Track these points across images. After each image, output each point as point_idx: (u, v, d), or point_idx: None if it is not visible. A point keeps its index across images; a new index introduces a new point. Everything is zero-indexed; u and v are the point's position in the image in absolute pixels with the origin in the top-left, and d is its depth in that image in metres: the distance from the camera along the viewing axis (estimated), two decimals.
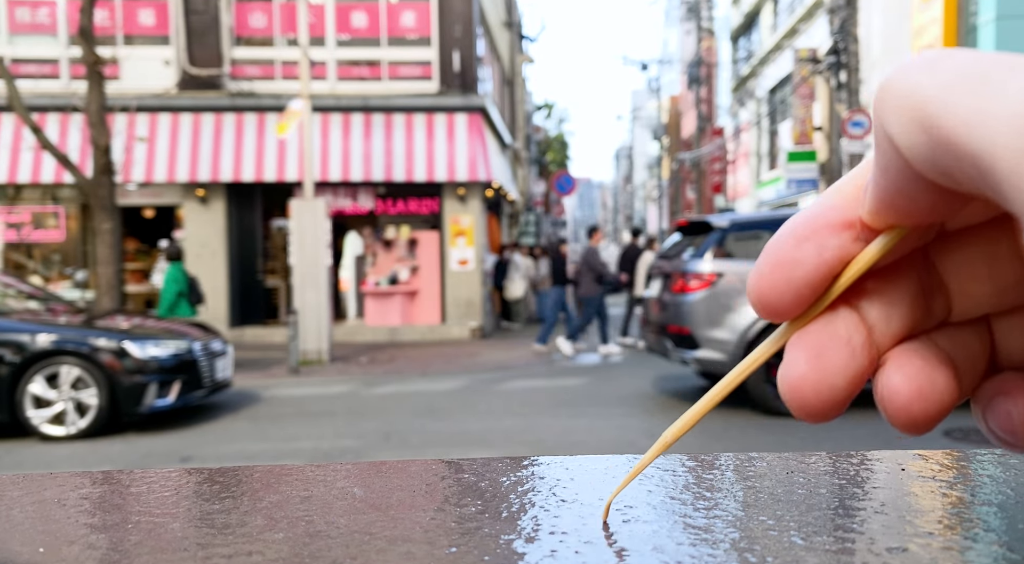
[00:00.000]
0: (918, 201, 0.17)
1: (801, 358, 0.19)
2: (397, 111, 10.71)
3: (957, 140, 0.15)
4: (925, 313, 0.21)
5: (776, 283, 0.20)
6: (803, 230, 0.20)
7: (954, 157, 0.15)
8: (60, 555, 0.26)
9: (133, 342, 5.07)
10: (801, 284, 0.19)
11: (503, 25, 16.93)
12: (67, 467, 4.26)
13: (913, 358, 0.20)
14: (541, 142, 26.86)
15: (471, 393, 6.38)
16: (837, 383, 0.19)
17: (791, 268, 0.19)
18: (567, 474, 0.35)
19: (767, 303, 0.20)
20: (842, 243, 0.19)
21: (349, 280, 11.31)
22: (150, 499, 0.32)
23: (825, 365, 0.19)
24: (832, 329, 0.20)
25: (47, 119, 9.75)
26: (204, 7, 10.63)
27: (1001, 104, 0.14)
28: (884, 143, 0.17)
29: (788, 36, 14.32)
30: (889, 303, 0.20)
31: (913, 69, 0.16)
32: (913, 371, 0.19)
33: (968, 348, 0.21)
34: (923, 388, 0.19)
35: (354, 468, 0.36)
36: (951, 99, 0.15)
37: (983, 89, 0.15)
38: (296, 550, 0.26)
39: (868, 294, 0.20)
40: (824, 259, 0.19)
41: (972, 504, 0.30)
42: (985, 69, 0.15)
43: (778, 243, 0.20)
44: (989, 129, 0.14)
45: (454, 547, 0.26)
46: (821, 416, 0.20)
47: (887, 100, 0.16)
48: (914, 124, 0.16)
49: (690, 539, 0.26)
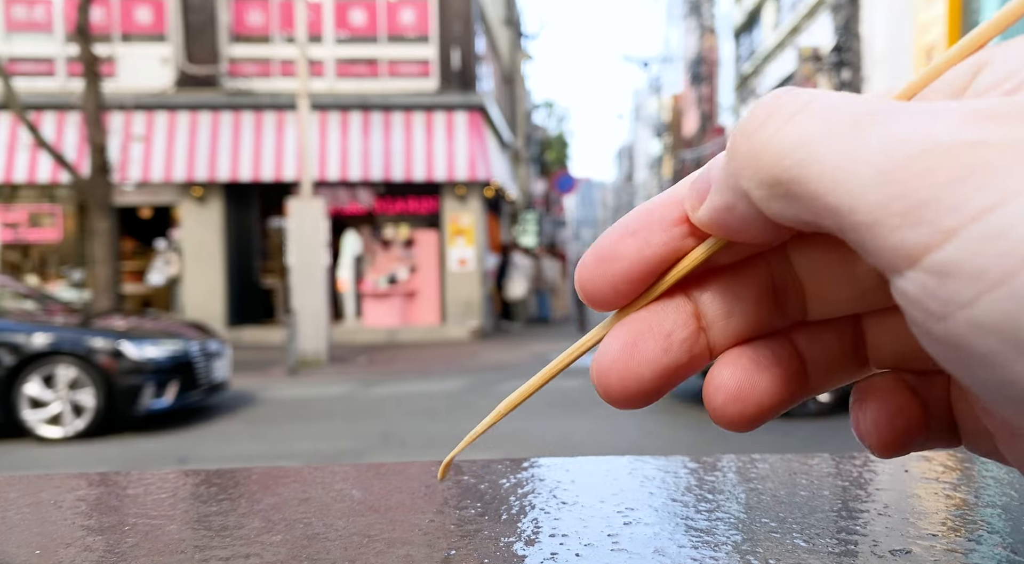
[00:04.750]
0: (756, 234, 0.17)
1: (615, 346, 0.19)
2: (396, 109, 10.71)
3: (815, 195, 0.14)
4: (774, 313, 0.20)
5: (595, 275, 0.20)
6: (632, 224, 0.19)
7: (813, 211, 0.14)
8: (56, 557, 0.26)
9: (130, 343, 5.06)
10: (619, 278, 0.19)
11: (503, 22, 16.93)
12: (63, 468, 4.25)
13: (742, 358, 0.20)
14: (541, 141, 26.89)
15: (470, 394, 6.38)
16: (644, 374, 0.19)
17: (610, 262, 0.19)
18: (567, 476, 0.34)
19: (587, 294, 0.20)
20: (668, 240, 0.19)
21: (347, 280, 11.29)
22: (147, 501, 0.32)
23: (636, 356, 0.19)
24: (656, 320, 0.20)
25: (43, 118, 9.73)
26: (201, 5, 10.61)
27: (856, 161, 0.13)
28: (736, 188, 0.16)
29: (791, 34, 14.35)
30: (731, 301, 0.20)
31: (770, 119, 0.15)
32: (737, 372, 0.19)
33: (826, 347, 0.20)
34: (742, 390, 0.19)
35: (352, 470, 0.36)
36: (809, 154, 0.14)
37: (840, 144, 0.14)
38: (294, 552, 0.26)
39: (709, 290, 0.20)
40: (645, 255, 0.19)
41: (976, 506, 0.30)
42: (843, 121, 0.14)
43: (605, 236, 0.20)
44: (846, 186, 0.13)
45: (453, 549, 0.26)
46: (625, 404, 0.20)
47: (743, 149, 0.16)
48: (771, 178, 0.15)
49: (692, 541, 0.26)
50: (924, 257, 0.13)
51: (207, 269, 10.59)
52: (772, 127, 0.15)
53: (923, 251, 0.13)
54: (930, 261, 0.13)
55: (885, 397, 0.20)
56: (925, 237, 0.13)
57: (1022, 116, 0.13)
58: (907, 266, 0.13)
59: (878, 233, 0.13)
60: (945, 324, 0.13)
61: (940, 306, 0.13)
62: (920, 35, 8.98)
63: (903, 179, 0.13)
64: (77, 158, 8.28)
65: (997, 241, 0.12)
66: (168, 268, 10.88)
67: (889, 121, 0.14)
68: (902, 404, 0.20)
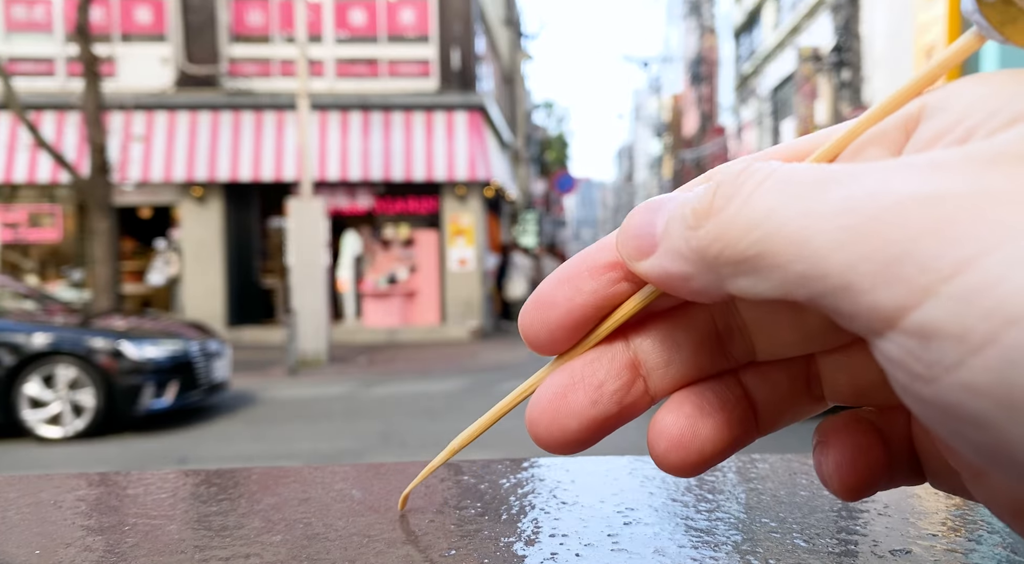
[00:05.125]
0: (708, 299, 0.17)
1: (546, 396, 0.19)
2: (396, 109, 10.70)
3: (783, 264, 0.14)
4: (718, 357, 0.20)
5: (533, 322, 0.20)
6: (567, 271, 0.19)
7: (782, 283, 0.14)
8: (56, 557, 0.26)
9: (130, 343, 5.06)
10: (555, 325, 0.19)
11: (503, 22, 16.93)
12: (63, 468, 4.25)
13: (685, 405, 0.19)
14: (541, 141, 26.90)
15: (470, 394, 6.38)
16: (570, 426, 0.19)
17: (547, 309, 0.19)
18: (567, 476, 0.34)
19: (528, 338, 0.20)
20: (598, 287, 0.19)
21: (347, 280, 11.29)
22: (147, 501, 0.32)
23: (563, 407, 0.19)
24: (590, 370, 0.19)
25: (43, 118, 9.73)
26: (201, 5, 10.61)
27: (819, 222, 0.13)
28: (695, 263, 0.16)
29: (791, 34, 14.34)
30: (671, 348, 0.20)
31: (735, 196, 0.15)
32: (680, 419, 0.19)
33: (775, 387, 0.20)
34: (684, 437, 0.19)
35: (352, 470, 0.36)
36: (775, 223, 0.14)
37: (806, 206, 0.13)
38: (294, 553, 0.26)
39: (649, 336, 0.20)
40: (577, 303, 0.19)
41: (976, 506, 0.30)
42: (806, 184, 0.14)
43: (545, 282, 0.20)
44: (811, 250, 0.13)
45: (453, 550, 0.26)
46: (555, 451, 0.20)
47: (706, 228, 0.15)
48: (737, 253, 0.14)
49: (692, 541, 0.26)
50: (903, 318, 0.12)
51: (207, 269, 10.59)
52: (737, 203, 0.15)
53: (901, 312, 0.12)
54: (910, 322, 0.12)
55: (845, 439, 0.19)
56: (901, 297, 0.12)
57: (978, 166, 0.13)
58: (886, 328, 0.12)
59: (852, 296, 0.13)
60: (934, 387, 0.12)
61: (925, 369, 0.12)
62: (920, 35, 8.98)
63: (870, 237, 0.12)
64: (77, 158, 8.28)
65: (978, 299, 0.11)
66: (168, 268, 10.88)
67: (849, 181, 0.13)
68: (863, 445, 0.19)
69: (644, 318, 0.20)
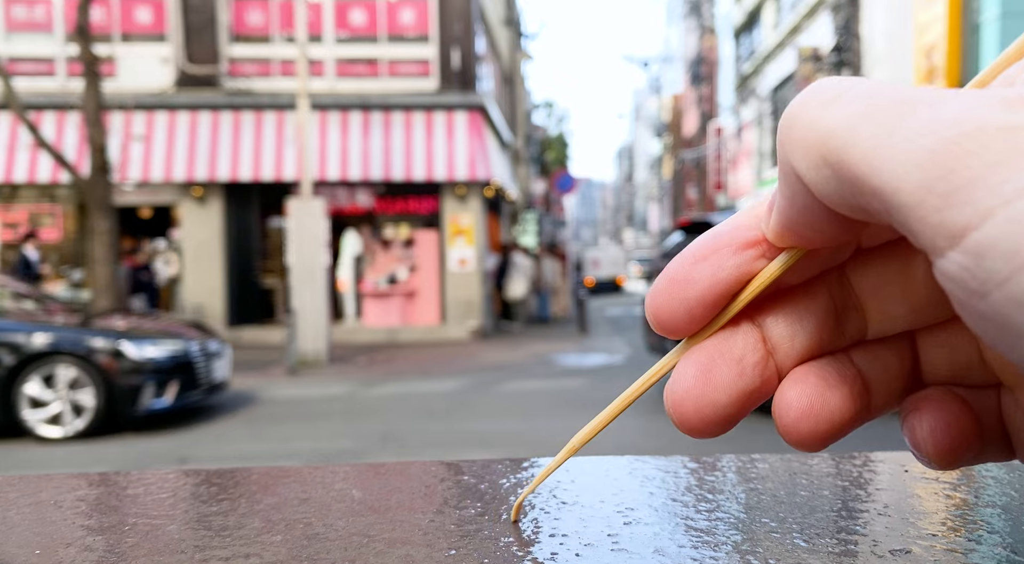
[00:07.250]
0: (823, 229, 0.18)
1: (689, 373, 0.20)
2: (396, 109, 10.70)
3: (861, 176, 0.14)
4: (836, 332, 0.21)
5: (669, 301, 0.20)
6: (703, 249, 0.20)
7: (859, 192, 0.15)
8: (56, 557, 0.26)
9: (130, 343, 5.06)
10: (694, 303, 0.20)
11: (503, 22, 16.92)
12: (63, 468, 4.25)
13: (810, 376, 0.20)
14: (541, 141, 26.88)
15: (470, 394, 6.37)
16: (720, 400, 0.19)
17: (684, 287, 0.20)
18: (567, 476, 0.34)
19: (660, 320, 0.20)
20: (741, 262, 0.20)
21: (347, 280, 11.29)
22: (147, 501, 0.32)
23: (711, 382, 0.20)
24: (726, 346, 0.20)
25: (43, 118, 9.73)
26: (201, 5, 10.61)
27: (901, 141, 0.14)
28: (789, 175, 0.17)
29: (791, 34, 14.33)
30: (795, 322, 0.20)
31: (816, 102, 0.16)
32: (807, 389, 0.20)
33: (885, 365, 0.21)
34: (813, 407, 0.19)
35: (352, 470, 0.36)
36: (854, 135, 0.15)
37: (885, 125, 0.14)
38: (294, 553, 0.26)
39: (774, 313, 0.21)
40: (719, 279, 0.20)
41: (976, 506, 0.30)
42: (887, 103, 0.15)
43: (677, 261, 0.20)
44: (891, 166, 0.14)
45: (453, 549, 0.26)
46: (702, 432, 0.20)
47: (792, 133, 0.16)
48: (819, 159, 0.15)
49: (692, 541, 0.26)
50: (964, 237, 0.13)
51: (207, 269, 10.59)
52: (818, 112, 0.16)
53: (963, 231, 0.13)
54: (970, 241, 0.13)
55: (940, 406, 0.20)
56: (966, 217, 0.13)
57: None
58: (949, 246, 0.13)
59: (922, 214, 0.13)
60: (987, 301, 0.13)
61: (979, 285, 0.13)
62: (920, 35, 8.97)
63: (946, 160, 0.13)
64: (77, 158, 8.28)
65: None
66: (168, 268, 10.88)
67: (931, 105, 0.14)
68: (957, 412, 0.20)
69: (767, 298, 0.21)
